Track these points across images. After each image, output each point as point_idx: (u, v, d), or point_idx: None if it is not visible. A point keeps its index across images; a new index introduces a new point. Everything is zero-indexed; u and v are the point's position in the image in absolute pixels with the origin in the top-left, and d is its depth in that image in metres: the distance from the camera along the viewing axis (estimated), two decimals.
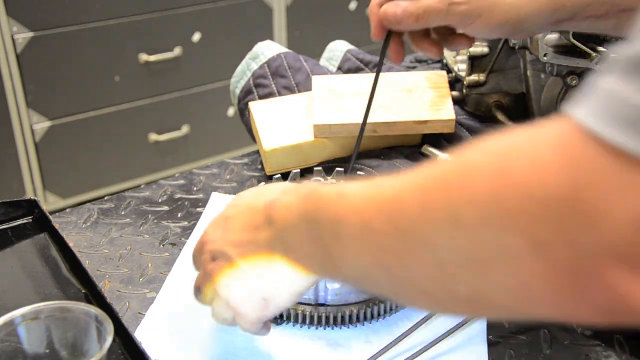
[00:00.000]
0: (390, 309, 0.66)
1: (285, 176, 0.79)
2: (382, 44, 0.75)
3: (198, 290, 0.59)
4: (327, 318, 0.64)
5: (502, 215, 0.35)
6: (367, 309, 0.65)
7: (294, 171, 0.78)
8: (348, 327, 0.65)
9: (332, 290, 0.64)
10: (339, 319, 0.64)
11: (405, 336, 0.64)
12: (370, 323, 0.66)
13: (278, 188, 0.55)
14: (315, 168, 0.78)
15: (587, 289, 0.33)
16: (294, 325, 0.66)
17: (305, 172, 0.79)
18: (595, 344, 0.65)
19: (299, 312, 0.64)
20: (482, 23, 0.69)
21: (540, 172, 0.34)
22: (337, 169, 0.78)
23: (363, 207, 0.44)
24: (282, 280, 0.52)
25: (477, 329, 0.66)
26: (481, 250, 0.36)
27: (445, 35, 0.76)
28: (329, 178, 0.76)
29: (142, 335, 0.65)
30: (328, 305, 0.64)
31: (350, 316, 0.64)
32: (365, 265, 0.45)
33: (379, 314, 0.66)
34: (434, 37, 0.77)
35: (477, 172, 0.37)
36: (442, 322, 0.66)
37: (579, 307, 0.35)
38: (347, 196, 0.46)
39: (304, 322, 0.65)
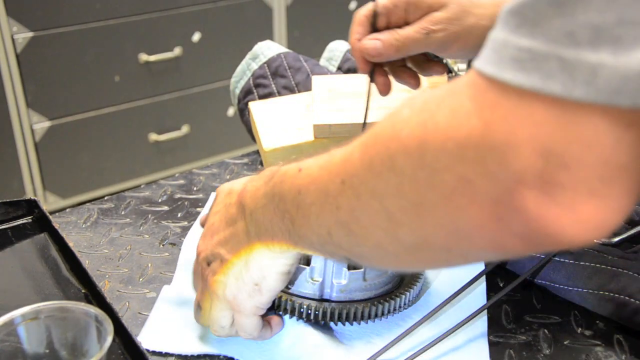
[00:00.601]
0: (395, 309, 0.66)
1: None
2: (369, 77, 0.76)
3: (198, 308, 0.62)
4: (332, 314, 0.64)
5: (430, 158, 0.39)
6: (371, 307, 0.64)
7: None
8: (352, 324, 0.65)
9: (338, 286, 0.64)
10: (344, 315, 0.64)
11: (406, 335, 0.64)
12: (374, 322, 0.66)
13: (247, 178, 0.59)
14: None
15: (507, 217, 0.37)
16: (297, 320, 0.65)
17: None
18: (595, 344, 0.65)
19: (304, 307, 0.64)
20: (459, 47, 0.72)
21: (457, 117, 0.38)
22: None
23: (319, 174, 0.49)
24: (266, 263, 0.56)
25: (479, 329, 0.66)
26: (418, 193, 0.40)
27: (421, 63, 0.78)
28: None
29: (146, 335, 0.65)
30: (333, 302, 0.64)
31: (355, 314, 0.64)
32: (327, 228, 0.48)
33: (383, 313, 0.66)
34: (410, 66, 0.79)
35: (406, 124, 0.41)
36: (443, 321, 0.66)
37: (503, 236, 0.38)
38: (305, 168, 0.50)
39: (308, 317, 0.65)
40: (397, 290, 0.67)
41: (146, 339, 0.64)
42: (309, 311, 0.64)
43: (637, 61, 0.32)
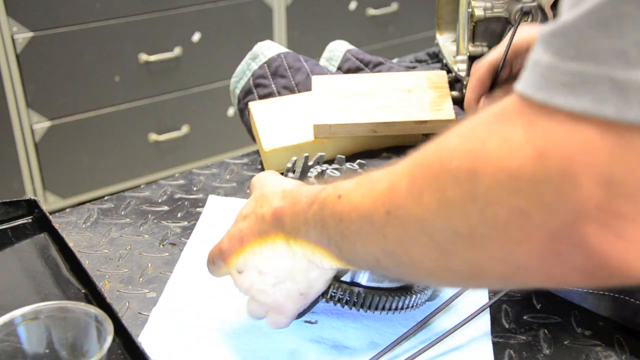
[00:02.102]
0: (419, 303, 0.65)
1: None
2: None
3: (215, 262, 0.62)
4: (363, 300, 0.62)
5: (482, 190, 0.37)
6: (400, 298, 0.63)
7: (319, 153, 0.75)
8: (380, 313, 0.64)
9: (370, 273, 0.62)
10: (373, 303, 0.63)
11: (409, 334, 0.64)
12: (394, 314, 0.65)
13: (276, 194, 0.58)
14: (338, 156, 0.75)
15: (566, 252, 0.35)
16: (327, 302, 0.64)
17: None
18: (595, 344, 0.65)
19: (334, 289, 0.62)
20: None
21: (509, 146, 0.36)
22: (359, 160, 0.75)
23: (361, 202, 0.48)
24: (314, 275, 0.57)
25: (482, 328, 0.66)
26: (470, 225, 0.39)
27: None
28: (349, 165, 0.74)
29: (147, 338, 0.64)
30: (362, 287, 0.63)
31: (383, 303, 0.63)
32: (374, 255, 0.48)
33: (408, 306, 0.64)
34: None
35: (455, 154, 0.40)
36: (445, 321, 0.66)
37: (561, 269, 0.36)
38: (345, 194, 0.50)
39: (339, 300, 0.63)
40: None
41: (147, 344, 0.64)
42: (341, 295, 0.62)
43: None
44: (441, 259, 0.43)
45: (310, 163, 0.73)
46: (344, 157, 0.74)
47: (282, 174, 0.78)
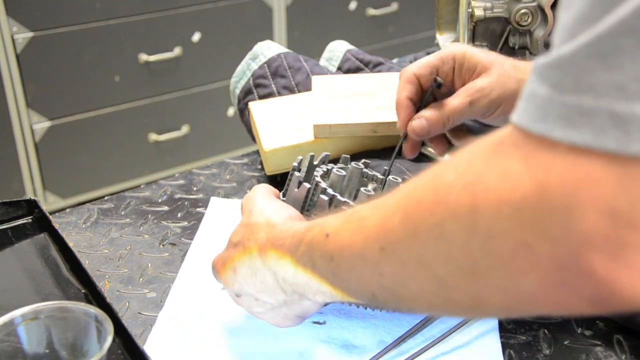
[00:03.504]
0: None
1: (284, 176, 0.78)
2: (398, 144, 0.76)
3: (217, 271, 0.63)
4: None
5: (484, 224, 0.37)
6: None
7: (324, 153, 0.75)
8: (380, 311, 0.65)
9: None
10: None
11: (415, 331, 0.64)
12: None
13: (262, 229, 0.58)
14: (343, 155, 0.76)
15: (572, 281, 0.35)
16: (332, 313, 0.66)
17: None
18: (595, 344, 0.65)
19: None
20: (501, 112, 0.71)
21: (508, 180, 0.36)
22: (364, 160, 0.75)
23: (351, 240, 0.47)
24: (309, 306, 0.58)
25: (490, 324, 0.66)
26: (472, 259, 0.39)
27: (456, 132, 0.77)
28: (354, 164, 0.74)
29: (154, 343, 0.64)
30: None
31: None
32: (370, 291, 0.47)
33: None
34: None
35: (452, 188, 0.39)
36: (452, 318, 0.66)
37: (568, 299, 0.36)
38: (333, 234, 0.49)
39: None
40: None
41: (153, 349, 0.64)
42: None
43: None
44: (442, 292, 0.42)
45: (315, 162, 0.73)
46: (349, 156, 0.74)
47: (284, 175, 0.78)
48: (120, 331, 0.60)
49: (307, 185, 0.65)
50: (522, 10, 0.90)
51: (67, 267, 0.71)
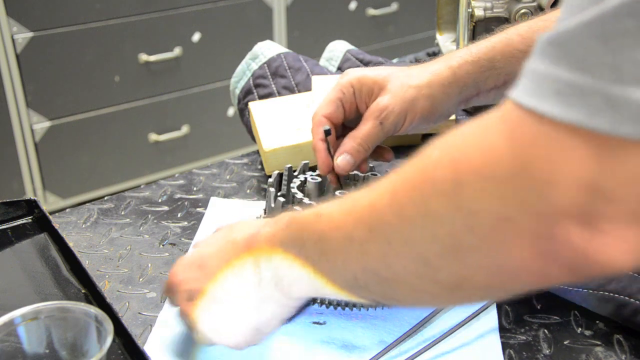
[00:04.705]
0: None
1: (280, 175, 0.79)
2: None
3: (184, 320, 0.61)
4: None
5: (467, 199, 0.38)
6: None
7: (304, 162, 0.77)
8: (382, 309, 0.65)
9: None
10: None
11: (415, 331, 0.64)
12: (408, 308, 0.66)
13: (252, 223, 0.58)
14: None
15: (552, 251, 0.37)
16: (327, 308, 0.66)
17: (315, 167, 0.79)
18: (595, 344, 0.65)
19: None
20: (409, 121, 0.73)
21: (491, 154, 0.37)
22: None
23: (342, 220, 0.47)
24: (275, 309, 0.55)
25: (490, 324, 0.66)
26: (455, 236, 0.40)
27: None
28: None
29: (151, 346, 0.64)
30: None
31: None
32: (354, 274, 0.48)
33: None
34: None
35: (437, 165, 0.40)
36: (451, 318, 0.66)
37: (549, 269, 0.38)
38: (325, 214, 0.49)
39: (346, 305, 0.65)
40: None
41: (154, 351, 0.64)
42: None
43: None
44: (425, 272, 0.43)
45: (295, 173, 0.75)
46: (308, 162, 0.77)
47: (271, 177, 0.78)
48: (120, 331, 0.60)
49: (281, 199, 0.69)
50: (522, 10, 0.90)
51: (67, 267, 0.71)
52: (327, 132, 0.72)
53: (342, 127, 0.76)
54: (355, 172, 0.76)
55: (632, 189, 0.34)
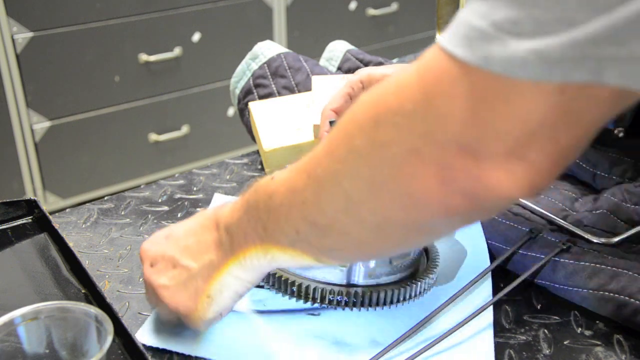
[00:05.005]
0: (421, 292, 0.67)
1: None
2: None
3: (147, 298, 0.64)
4: (362, 299, 0.64)
5: (382, 134, 0.43)
6: (400, 290, 0.65)
7: None
8: (382, 309, 0.65)
9: (365, 271, 0.64)
10: (373, 300, 0.64)
11: (412, 332, 0.64)
12: (396, 307, 0.66)
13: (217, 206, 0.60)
14: None
15: (452, 179, 0.41)
16: (327, 308, 0.66)
17: None
18: (595, 344, 0.65)
19: (333, 293, 0.64)
20: None
21: (403, 91, 0.42)
22: None
23: (288, 176, 0.51)
24: (228, 280, 0.57)
25: (484, 326, 0.66)
26: (373, 169, 0.44)
27: None
28: None
29: (143, 336, 0.65)
30: (360, 286, 0.64)
31: (384, 297, 0.65)
32: (295, 226, 0.51)
33: (410, 296, 0.66)
34: None
35: (362, 105, 0.45)
36: (448, 318, 0.66)
37: (452, 197, 0.42)
38: (278, 175, 0.53)
39: (338, 303, 0.65)
40: (418, 274, 0.69)
41: (143, 336, 0.64)
42: (339, 297, 0.64)
43: (565, 45, 0.36)
44: (351, 210, 0.47)
45: None
46: None
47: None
48: (120, 331, 0.60)
49: None
50: None
51: (67, 267, 0.71)
52: (332, 123, 0.74)
53: None
54: None
55: (516, 126, 0.39)
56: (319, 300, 0.65)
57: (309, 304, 0.66)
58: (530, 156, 0.40)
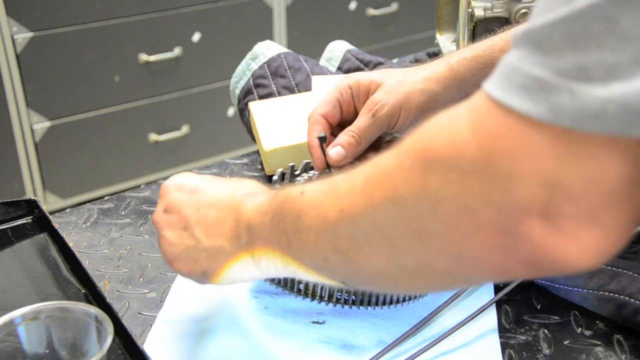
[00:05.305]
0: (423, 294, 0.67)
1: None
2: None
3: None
4: (369, 298, 0.64)
5: (433, 187, 0.39)
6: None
7: (305, 161, 0.78)
8: (388, 308, 0.66)
9: None
10: (380, 299, 0.65)
11: (415, 331, 0.64)
12: (409, 304, 0.66)
13: (256, 186, 0.59)
14: None
15: (511, 245, 0.37)
16: (327, 305, 0.66)
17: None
18: (595, 344, 0.65)
19: (341, 292, 0.64)
20: (405, 116, 0.74)
21: (457, 144, 0.38)
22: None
23: (320, 200, 0.49)
24: (235, 268, 0.56)
25: (490, 325, 0.66)
26: (420, 222, 0.41)
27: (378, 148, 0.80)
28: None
29: (151, 344, 0.64)
30: None
31: (391, 296, 0.65)
32: (323, 253, 0.49)
33: (416, 295, 0.66)
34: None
35: (407, 153, 0.42)
36: (451, 318, 0.66)
37: (508, 263, 0.39)
38: (308, 193, 0.50)
39: (345, 302, 0.65)
40: None
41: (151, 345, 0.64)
42: (346, 296, 0.64)
43: None
44: (392, 256, 0.44)
45: (297, 172, 0.75)
46: (309, 161, 0.77)
47: (273, 177, 0.78)
48: (120, 331, 0.60)
49: None
50: (522, 10, 0.90)
51: (67, 267, 0.71)
52: (322, 139, 0.73)
53: (339, 128, 0.77)
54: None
55: (591, 187, 0.35)
56: (326, 299, 0.65)
57: (315, 303, 0.66)
58: (605, 220, 0.35)
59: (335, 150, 0.73)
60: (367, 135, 0.74)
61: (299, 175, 0.76)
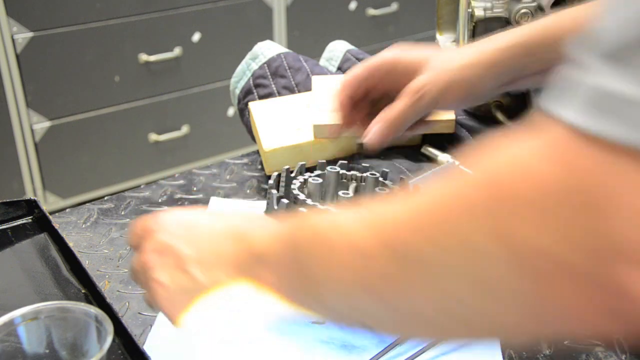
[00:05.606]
0: None
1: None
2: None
3: (133, 275, 0.58)
4: None
5: (506, 228, 0.33)
6: None
7: (300, 163, 0.78)
8: None
9: None
10: None
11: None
12: None
13: (257, 217, 0.55)
14: (319, 161, 0.78)
15: (604, 298, 0.31)
16: None
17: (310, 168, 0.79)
18: (596, 344, 0.65)
19: None
20: (444, 103, 0.74)
21: (533, 179, 0.32)
22: (341, 161, 0.78)
23: (358, 234, 0.41)
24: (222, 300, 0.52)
25: None
26: (493, 272, 0.34)
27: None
28: (330, 170, 0.76)
29: (151, 344, 0.64)
30: None
31: None
32: (357, 295, 0.41)
33: None
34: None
35: (475, 189, 0.35)
36: None
37: (596, 317, 0.32)
38: (341, 224, 0.43)
39: None
40: None
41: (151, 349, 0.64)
42: None
43: None
44: (446, 306, 0.37)
45: (293, 174, 0.75)
46: (324, 161, 0.77)
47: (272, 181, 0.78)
48: (120, 331, 0.60)
49: (285, 200, 0.68)
50: (522, 10, 0.90)
51: (67, 267, 0.71)
52: (360, 146, 0.74)
53: (369, 104, 0.77)
54: (353, 172, 0.76)
55: None
56: None
57: None
58: None
59: (373, 132, 0.73)
60: (406, 120, 0.73)
61: (294, 177, 0.75)
